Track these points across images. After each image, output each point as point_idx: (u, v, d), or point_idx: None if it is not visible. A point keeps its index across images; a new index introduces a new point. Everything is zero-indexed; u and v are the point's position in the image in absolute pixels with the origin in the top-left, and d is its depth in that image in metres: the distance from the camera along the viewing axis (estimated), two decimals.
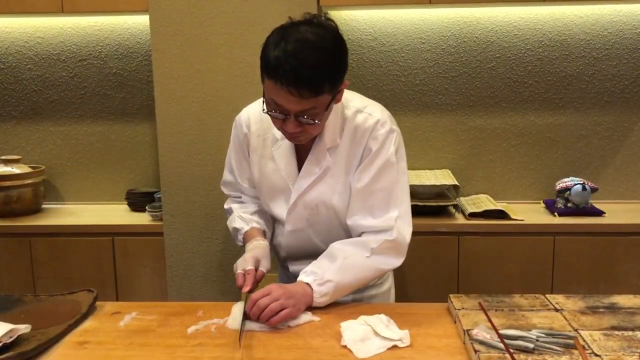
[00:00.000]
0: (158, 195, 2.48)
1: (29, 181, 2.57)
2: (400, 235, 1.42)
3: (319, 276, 1.35)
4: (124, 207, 2.68)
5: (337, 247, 1.42)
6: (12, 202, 2.53)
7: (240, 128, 1.56)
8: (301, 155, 1.47)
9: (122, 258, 2.42)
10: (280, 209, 1.52)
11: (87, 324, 1.34)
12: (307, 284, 1.34)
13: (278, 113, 1.29)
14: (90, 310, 1.39)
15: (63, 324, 1.28)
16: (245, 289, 1.34)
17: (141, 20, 2.63)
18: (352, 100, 1.46)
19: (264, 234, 1.55)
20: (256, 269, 1.40)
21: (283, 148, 1.48)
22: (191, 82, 2.22)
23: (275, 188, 1.52)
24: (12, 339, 1.15)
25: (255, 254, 1.43)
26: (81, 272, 2.43)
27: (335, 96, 1.32)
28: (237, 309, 1.33)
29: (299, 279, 1.38)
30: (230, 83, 2.21)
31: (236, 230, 1.58)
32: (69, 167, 2.79)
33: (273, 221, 1.64)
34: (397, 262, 1.44)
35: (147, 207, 2.48)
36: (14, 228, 2.44)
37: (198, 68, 2.21)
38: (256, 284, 1.38)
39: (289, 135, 1.36)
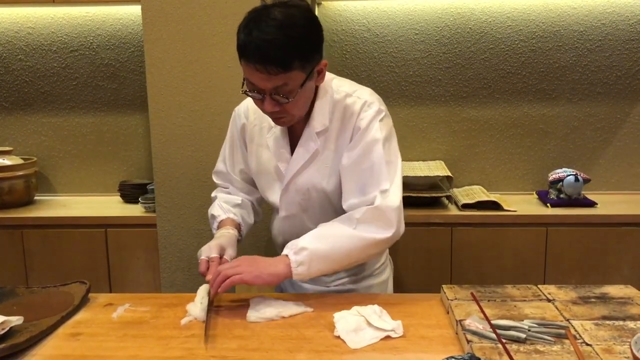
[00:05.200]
0: (151, 187, 2.48)
1: (21, 173, 2.55)
2: (384, 204, 1.36)
3: (295, 245, 1.34)
4: (116, 199, 2.67)
5: (322, 224, 1.41)
6: (4, 194, 2.51)
7: (238, 119, 1.59)
8: (294, 141, 1.48)
9: (115, 250, 2.42)
10: (274, 195, 1.54)
11: (80, 315, 1.34)
12: (286, 255, 1.34)
13: (255, 93, 1.32)
14: (83, 302, 1.39)
15: (56, 316, 1.27)
16: (208, 276, 1.35)
17: (133, 11, 2.61)
18: (342, 85, 1.47)
19: (238, 226, 1.57)
20: (221, 257, 1.40)
21: (276, 134, 1.49)
22: (184, 73, 2.20)
23: (270, 175, 1.53)
24: (5, 330, 1.15)
25: (220, 242, 1.44)
26: (74, 264, 2.42)
27: (311, 75, 1.33)
28: (200, 294, 1.35)
29: None
30: (223, 74, 2.19)
31: (213, 217, 1.60)
32: (61, 158, 2.78)
33: (256, 214, 1.67)
34: (385, 232, 1.36)
35: (140, 199, 2.48)
36: (6, 220, 2.42)
37: (191, 59, 2.19)
38: None
39: (271, 117, 1.39)
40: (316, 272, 1.35)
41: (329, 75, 1.47)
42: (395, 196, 1.38)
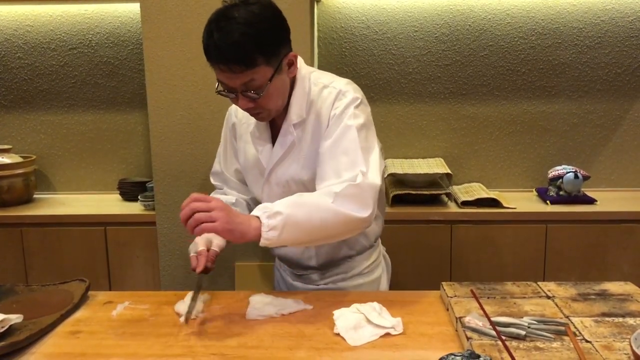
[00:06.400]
0: (150, 185, 2.47)
1: (20, 171, 2.55)
2: (365, 182, 1.32)
3: (268, 208, 1.27)
4: (116, 197, 2.66)
5: (299, 193, 1.36)
6: (3, 192, 2.51)
7: (229, 118, 1.61)
8: (276, 134, 1.49)
9: (114, 248, 2.41)
10: (258, 190, 1.55)
11: (80, 313, 1.34)
12: (257, 217, 1.26)
13: (226, 92, 1.34)
14: (83, 300, 1.39)
15: (55, 314, 1.28)
16: (198, 269, 1.34)
17: (132, 8, 2.60)
18: (320, 77, 1.47)
19: None
20: (209, 249, 1.40)
21: (259, 129, 1.50)
22: (183, 71, 2.20)
23: (255, 169, 1.54)
24: (4, 329, 1.15)
25: (206, 235, 1.42)
26: (73, 262, 2.42)
27: (280, 68, 1.34)
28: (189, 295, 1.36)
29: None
30: None
31: None
32: (61, 156, 2.77)
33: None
34: (362, 212, 1.31)
35: (139, 197, 2.47)
36: (5, 218, 2.42)
37: (189, 56, 2.19)
38: (213, 263, 1.37)
39: (249, 113, 1.40)
40: (286, 240, 1.28)
41: (308, 69, 1.48)
42: (376, 178, 1.35)
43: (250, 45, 1.26)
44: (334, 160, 1.38)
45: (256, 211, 1.27)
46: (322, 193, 1.33)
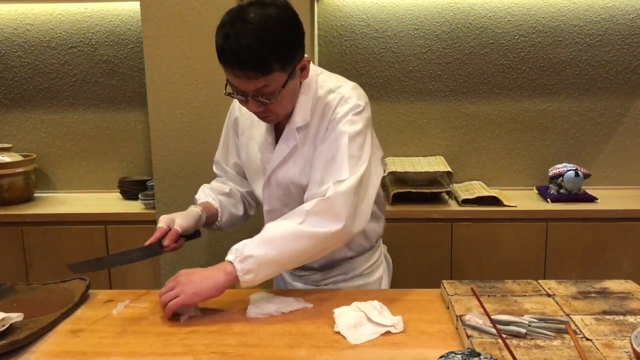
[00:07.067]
0: (150, 184, 2.47)
1: (20, 170, 2.55)
2: (334, 195, 1.30)
3: (239, 252, 1.28)
4: (116, 196, 2.67)
5: (270, 224, 1.36)
6: (4, 191, 2.51)
7: (233, 111, 1.60)
8: (279, 135, 1.48)
9: (114, 246, 2.41)
10: (259, 189, 1.55)
11: (80, 312, 1.34)
12: (230, 262, 1.28)
13: (237, 95, 1.32)
14: (83, 299, 1.40)
15: (56, 313, 1.28)
16: (146, 242, 1.39)
17: (132, 7, 2.60)
18: (327, 81, 1.45)
19: (214, 210, 1.55)
20: (171, 228, 1.42)
21: (263, 128, 1.49)
22: (183, 69, 2.20)
23: (257, 168, 1.54)
24: (4, 327, 1.15)
25: (171, 216, 1.44)
26: (74, 261, 2.40)
27: (293, 73, 1.32)
28: None
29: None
30: (222, 70, 2.18)
31: (195, 200, 1.59)
32: (61, 155, 2.77)
33: (248, 206, 1.67)
34: (334, 226, 1.29)
35: (139, 196, 2.47)
36: (6, 217, 2.42)
37: (190, 55, 2.19)
38: (172, 241, 1.41)
39: (257, 116, 1.38)
40: (264, 277, 1.30)
41: (316, 70, 1.46)
42: (347, 186, 1.31)
43: (268, 52, 1.23)
44: (322, 166, 1.37)
45: (229, 255, 1.29)
46: (293, 214, 1.33)
